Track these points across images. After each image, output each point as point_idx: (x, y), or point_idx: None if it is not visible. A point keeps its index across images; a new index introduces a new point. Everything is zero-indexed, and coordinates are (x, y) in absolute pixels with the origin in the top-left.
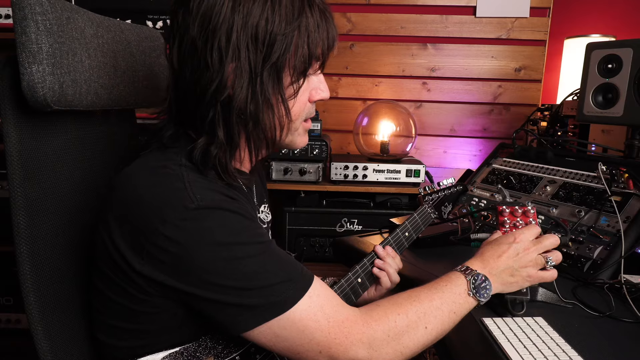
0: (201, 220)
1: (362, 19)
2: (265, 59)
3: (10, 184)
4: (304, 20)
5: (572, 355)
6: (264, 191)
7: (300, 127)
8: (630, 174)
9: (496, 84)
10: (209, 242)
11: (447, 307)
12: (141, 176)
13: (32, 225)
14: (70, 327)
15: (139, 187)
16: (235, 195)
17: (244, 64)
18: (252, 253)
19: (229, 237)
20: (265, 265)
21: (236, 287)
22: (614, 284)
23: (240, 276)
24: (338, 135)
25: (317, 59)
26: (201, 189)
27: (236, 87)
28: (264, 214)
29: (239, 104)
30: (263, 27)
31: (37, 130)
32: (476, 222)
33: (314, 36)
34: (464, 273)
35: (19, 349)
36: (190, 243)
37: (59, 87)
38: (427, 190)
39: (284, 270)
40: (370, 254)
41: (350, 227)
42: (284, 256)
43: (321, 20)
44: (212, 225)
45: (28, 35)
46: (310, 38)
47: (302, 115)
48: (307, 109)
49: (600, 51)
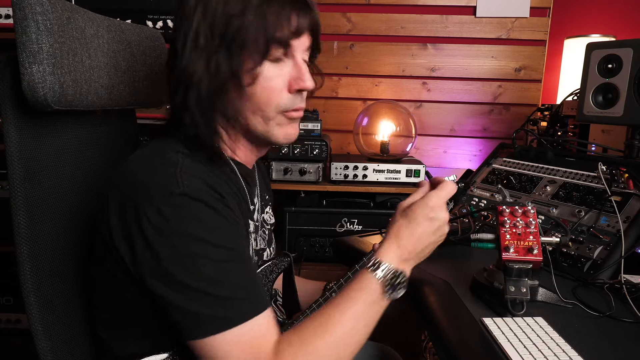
0: (182, 207)
1: (362, 19)
2: (221, 42)
3: (11, 184)
4: (264, 5)
5: (572, 355)
6: (269, 194)
7: (277, 117)
8: (630, 174)
9: (496, 84)
10: (183, 231)
11: (362, 322)
12: (139, 162)
13: (33, 225)
14: (70, 326)
15: (136, 172)
16: (228, 192)
17: (203, 47)
18: (220, 257)
19: (203, 232)
20: (231, 275)
21: (197, 288)
22: (614, 284)
23: (203, 277)
24: (338, 135)
25: (281, 44)
26: (191, 176)
27: (198, 71)
28: (268, 215)
29: (202, 87)
30: (221, 11)
31: (38, 130)
32: (476, 222)
33: (274, 20)
34: (375, 272)
35: (19, 349)
36: (166, 229)
37: (60, 87)
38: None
39: (245, 288)
40: (370, 253)
41: (350, 227)
42: (249, 273)
43: (284, 6)
44: (190, 215)
45: (28, 35)
46: (269, 22)
47: (275, 104)
48: (283, 98)
49: (600, 51)
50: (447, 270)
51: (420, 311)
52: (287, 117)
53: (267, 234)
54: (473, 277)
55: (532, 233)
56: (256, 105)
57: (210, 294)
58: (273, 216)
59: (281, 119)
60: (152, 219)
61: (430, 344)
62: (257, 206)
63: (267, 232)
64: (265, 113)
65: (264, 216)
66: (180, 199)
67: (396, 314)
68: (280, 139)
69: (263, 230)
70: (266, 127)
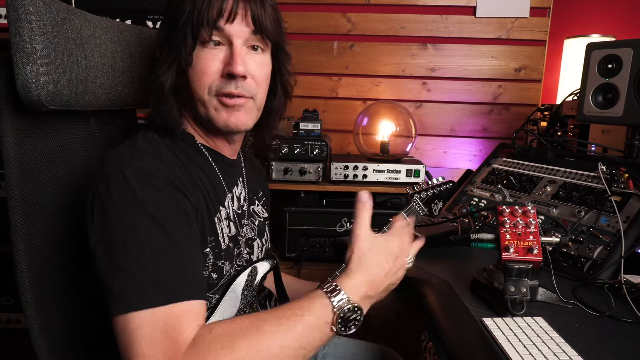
0: (127, 184)
1: (362, 19)
2: (169, 27)
3: (7, 183)
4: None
5: (572, 355)
6: (263, 188)
7: (211, 100)
8: (630, 174)
9: (496, 84)
10: (122, 206)
11: (295, 342)
12: (113, 150)
13: (29, 223)
14: (68, 324)
15: (107, 158)
16: (191, 178)
17: (161, 34)
18: (151, 238)
19: (140, 211)
20: (158, 257)
21: (121, 264)
22: (614, 284)
23: (129, 254)
24: (338, 135)
25: (209, 26)
26: (148, 158)
27: (154, 59)
28: (260, 208)
29: (156, 74)
30: (169, 3)
31: (34, 130)
32: (476, 222)
33: (202, 3)
34: (331, 298)
35: (19, 349)
36: (108, 202)
37: (54, 87)
38: (415, 189)
39: (169, 272)
40: (341, 267)
41: (350, 227)
42: (180, 260)
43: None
44: (131, 193)
45: (22, 36)
46: (196, 5)
47: (207, 85)
48: (214, 80)
49: (600, 51)
50: (447, 270)
51: (420, 311)
52: (221, 103)
53: (258, 225)
54: (473, 277)
55: (532, 233)
56: (192, 89)
57: (131, 272)
58: (265, 211)
59: (216, 103)
60: (101, 193)
61: (430, 344)
62: (239, 195)
63: (256, 223)
64: (199, 95)
65: (254, 208)
66: (126, 176)
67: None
68: (219, 124)
69: (251, 220)
70: (206, 111)
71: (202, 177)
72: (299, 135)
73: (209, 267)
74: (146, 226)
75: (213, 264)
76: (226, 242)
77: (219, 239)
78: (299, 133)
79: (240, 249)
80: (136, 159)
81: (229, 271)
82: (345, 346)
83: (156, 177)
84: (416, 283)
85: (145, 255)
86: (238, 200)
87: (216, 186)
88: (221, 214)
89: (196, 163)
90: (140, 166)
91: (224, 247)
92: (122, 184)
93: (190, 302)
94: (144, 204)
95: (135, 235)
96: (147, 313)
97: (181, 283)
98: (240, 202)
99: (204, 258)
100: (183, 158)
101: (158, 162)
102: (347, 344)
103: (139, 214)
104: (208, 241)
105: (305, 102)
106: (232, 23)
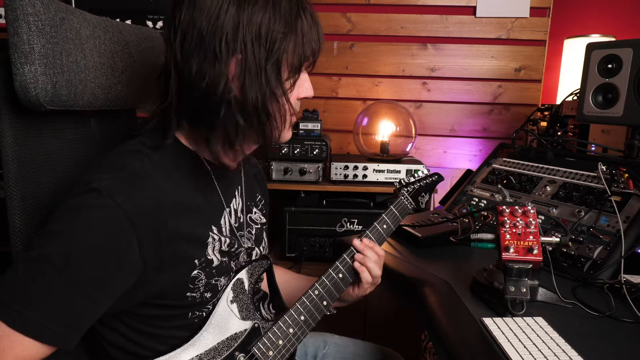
0: (83, 200)
1: (362, 19)
2: (268, 55)
3: (6, 184)
4: (299, 22)
5: (572, 355)
6: (262, 194)
7: (289, 121)
8: (630, 174)
9: (496, 84)
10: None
11: None
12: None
13: (28, 224)
14: None
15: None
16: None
17: (249, 58)
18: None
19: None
20: (48, 281)
21: (9, 272)
22: (614, 284)
23: (19, 267)
24: (338, 135)
25: (307, 58)
26: (120, 178)
27: (244, 81)
28: (257, 215)
29: (250, 96)
30: (266, 26)
31: (33, 130)
32: (476, 222)
33: (308, 37)
34: None
35: None
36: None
37: (52, 87)
38: (402, 183)
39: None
40: (349, 249)
41: (350, 227)
42: (63, 300)
43: (313, 24)
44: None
45: (20, 36)
46: (304, 38)
47: (293, 110)
48: (295, 105)
49: (600, 51)
50: (447, 270)
51: (420, 311)
52: (292, 120)
53: (255, 234)
54: (473, 277)
55: (532, 233)
56: (292, 110)
57: (9, 281)
58: (263, 217)
59: (288, 122)
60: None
61: (430, 344)
62: (237, 207)
63: (254, 232)
64: (286, 120)
65: (252, 216)
66: (79, 193)
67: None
68: (287, 139)
69: (249, 230)
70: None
71: (199, 198)
72: (299, 135)
73: (200, 289)
74: (55, 262)
75: (206, 283)
76: (219, 257)
77: (210, 257)
78: (299, 133)
79: (236, 261)
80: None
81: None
82: (345, 346)
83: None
84: (416, 283)
85: (31, 280)
86: (235, 212)
87: (213, 205)
88: (215, 232)
89: (193, 180)
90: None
91: (216, 263)
92: (74, 198)
93: (30, 340)
94: (70, 231)
95: (41, 259)
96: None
97: (41, 323)
98: (237, 214)
99: (192, 281)
100: (180, 179)
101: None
102: (348, 344)
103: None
104: (197, 264)
105: (305, 102)
106: None
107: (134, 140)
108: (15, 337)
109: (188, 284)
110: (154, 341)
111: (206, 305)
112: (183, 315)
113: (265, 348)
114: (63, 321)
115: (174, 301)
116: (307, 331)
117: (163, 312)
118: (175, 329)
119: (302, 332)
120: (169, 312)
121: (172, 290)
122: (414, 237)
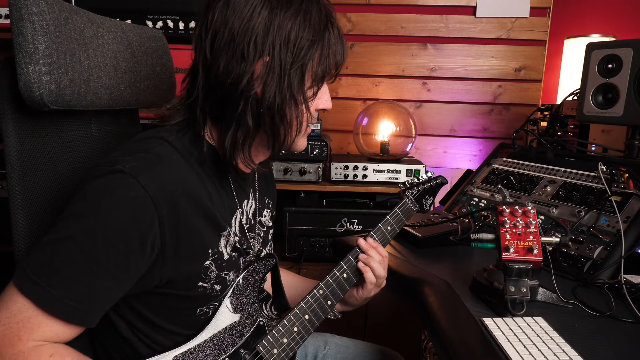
0: (107, 181)
1: (362, 19)
2: (294, 60)
3: (9, 183)
4: (327, 33)
5: (572, 355)
6: (271, 196)
7: (304, 129)
8: (630, 174)
9: (496, 84)
10: (82, 200)
11: None
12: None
13: (31, 223)
14: None
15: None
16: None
17: (276, 60)
18: (73, 245)
19: (86, 217)
20: (74, 261)
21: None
22: (614, 284)
23: (49, 242)
24: (338, 135)
25: (331, 70)
26: (147, 169)
27: (267, 81)
28: (267, 218)
29: (268, 96)
30: (295, 32)
31: (37, 130)
32: (476, 222)
33: (334, 49)
34: None
35: None
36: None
37: (56, 87)
38: (406, 185)
39: (61, 281)
40: (354, 250)
41: (350, 227)
42: (88, 278)
43: (339, 38)
44: (97, 194)
45: (24, 36)
46: (330, 50)
47: (311, 119)
48: (314, 114)
49: (600, 51)
50: (447, 270)
51: (420, 311)
52: (308, 130)
53: (263, 236)
54: (473, 277)
55: (532, 233)
56: (310, 116)
57: (42, 263)
58: (270, 220)
59: (304, 131)
60: (85, 180)
61: (430, 344)
62: (249, 209)
63: (262, 235)
64: (301, 128)
65: (261, 219)
66: (103, 174)
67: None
68: (302, 148)
69: (258, 232)
70: (298, 138)
71: (214, 193)
72: None
73: (211, 279)
74: (81, 242)
75: (217, 275)
76: (229, 252)
77: (221, 250)
78: None
79: (244, 258)
80: (132, 160)
81: (235, 279)
82: (345, 346)
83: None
84: (416, 283)
85: (58, 260)
86: (247, 214)
87: (227, 202)
88: (229, 228)
89: (211, 175)
90: (135, 167)
91: (226, 257)
92: (101, 179)
93: (56, 320)
94: (96, 212)
95: (67, 239)
96: (22, 299)
97: (62, 298)
98: (248, 215)
99: (205, 271)
100: (201, 172)
101: (160, 168)
102: (348, 344)
103: (82, 223)
104: (210, 254)
105: None
106: None
107: (152, 130)
108: (42, 317)
109: (201, 274)
110: (159, 335)
111: (213, 302)
112: (191, 310)
113: (270, 346)
114: (89, 301)
115: (185, 291)
116: (311, 330)
117: (173, 303)
118: (182, 325)
119: (306, 331)
120: (178, 305)
121: (185, 277)
122: (414, 237)
